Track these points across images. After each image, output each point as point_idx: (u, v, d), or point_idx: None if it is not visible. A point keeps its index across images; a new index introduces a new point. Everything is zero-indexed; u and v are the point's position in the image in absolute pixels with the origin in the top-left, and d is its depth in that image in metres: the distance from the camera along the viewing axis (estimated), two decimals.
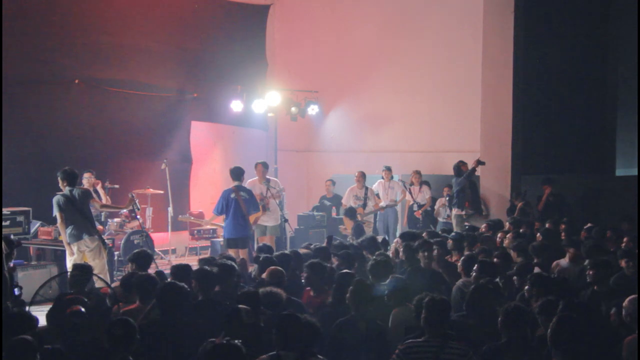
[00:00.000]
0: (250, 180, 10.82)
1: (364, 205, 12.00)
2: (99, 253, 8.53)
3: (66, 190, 8.46)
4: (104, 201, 10.66)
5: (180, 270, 6.44)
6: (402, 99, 13.62)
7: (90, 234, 8.49)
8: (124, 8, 12.72)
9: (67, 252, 8.54)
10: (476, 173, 11.60)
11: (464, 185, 11.35)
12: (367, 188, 12.17)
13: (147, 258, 7.03)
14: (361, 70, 14.08)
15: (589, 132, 13.48)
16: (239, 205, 9.89)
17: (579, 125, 13.24)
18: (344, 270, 6.37)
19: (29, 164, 11.24)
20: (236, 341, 4.02)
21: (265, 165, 11.05)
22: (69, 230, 8.43)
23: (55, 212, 8.45)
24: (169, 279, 6.35)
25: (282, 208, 11.61)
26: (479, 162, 11.22)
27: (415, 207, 12.47)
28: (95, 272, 8.27)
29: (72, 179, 8.53)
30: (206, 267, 6.27)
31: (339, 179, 13.57)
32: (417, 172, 12.60)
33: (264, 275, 6.35)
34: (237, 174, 10.09)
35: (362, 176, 12.20)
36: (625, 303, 4.96)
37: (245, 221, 10.00)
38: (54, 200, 8.47)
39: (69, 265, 8.37)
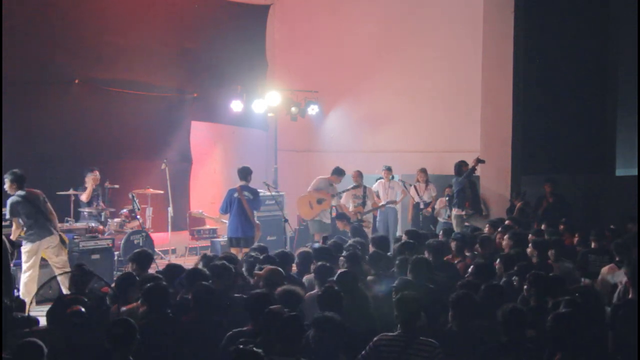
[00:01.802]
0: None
1: (363, 204, 12.00)
2: (60, 249, 8.53)
3: (19, 192, 8.34)
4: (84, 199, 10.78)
5: (171, 270, 6.47)
6: (402, 99, 13.61)
7: (51, 232, 8.47)
8: (124, 8, 12.72)
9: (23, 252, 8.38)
10: (476, 173, 11.59)
11: (464, 185, 11.33)
12: (365, 187, 12.17)
13: (147, 258, 7.04)
14: (361, 70, 14.07)
15: (589, 132, 13.47)
16: (241, 204, 9.97)
17: (579, 125, 13.22)
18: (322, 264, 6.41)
19: (29, 164, 11.21)
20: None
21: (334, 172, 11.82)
22: (31, 230, 8.35)
23: (10, 216, 8.28)
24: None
25: (282, 208, 11.66)
26: (479, 161, 11.20)
27: (422, 205, 12.45)
28: (58, 265, 8.38)
29: (22, 181, 8.44)
30: (226, 263, 6.37)
31: None
32: (423, 170, 12.57)
33: (261, 274, 6.37)
34: (243, 173, 10.19)
35: (359, 175, 12.19)
36: None
37: (248, 221, 10.08)
38: (11, 202, 8.29)
39: (27, 263, 8.33)
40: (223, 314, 5.51)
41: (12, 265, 8.19)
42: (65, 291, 7.34)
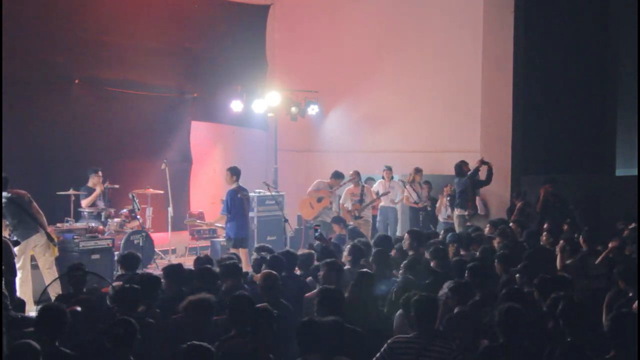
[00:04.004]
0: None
1: (361, 202, 12.00)
2: (47, 248, 8.56)
3: (3, 194, 8.34)
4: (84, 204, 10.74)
5: (173, 270, 6.46)
6: (402, 99, 13.60)
7: (37, 231, 8.49)
8: (123, 8, 12.72)
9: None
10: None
11: (467, 185, 11.28)
12: (363, 186, 12.18)
13: (134, 259, 7.04)
14: (361, 70, 14.07)
15: (589, 132, 13.48)
16: (243, 204, 9.99)
17: (579, 125, 13.23)
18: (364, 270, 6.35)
19: (29, 164, 11.22)
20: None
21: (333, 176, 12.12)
22: (16, 230, 8.38)
23: None
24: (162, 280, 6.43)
25: (282, 208, 11.67)
26: (484, 162, 11.16)
27: (420, 205, 12.38)
28: (45, 267, 8.41)
29: (5, 184, 8.43)
30: (237, 262, 6.38)
31: None
32: (420, 171, 12.53)
33: (257, 279, 6.36)
34: (238, 174, 10.18)
35: (357, 175, 12.21)
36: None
37: (248, 220, 10.21)
38: None
39: (17, 264, 8.28)
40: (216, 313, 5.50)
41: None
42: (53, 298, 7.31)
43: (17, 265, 8.31)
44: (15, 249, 8.24)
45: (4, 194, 8.38)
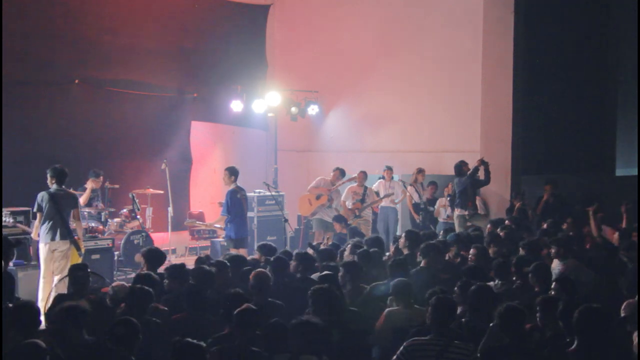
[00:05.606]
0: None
1: (362, 202, 12.00)
2: (66, 256, 8.37)
3: (53, 188, 8.36)
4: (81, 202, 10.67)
5: (176, 270, 6.46)
6: (402, 99, 13.60)
7: (64, 237, 8.33)
8: (124, 8, 12.73)
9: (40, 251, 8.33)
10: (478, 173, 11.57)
11: (467, 185, 11.28)
12: (366, 187, 12.18)
13: (158, 257, 6.99)
14: (361, 70, 14.07)
15: (589, 132, 13.49)
16: (242, 204, 10.00)
17: (579, 125, 13.25)
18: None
19: (29, 164, 11.21)
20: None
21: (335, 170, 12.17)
22: (44, 228, 8.27)
23: (35, 210, 8.33)
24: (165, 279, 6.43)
25: (282, 208, 11.68)
26: (483, 162, 11.16)
27: (422, 205, 12.38)
28: (55, 273, 8.31)
29: (62, 178, 8.41)
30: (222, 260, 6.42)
31: None
32: (423, 171, 12.54)
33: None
34: (238, 173, 10.17)
35: (364, 176, 12.19)
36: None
37: (247, 220, 10.30)
38: (38, 196, 8.31)
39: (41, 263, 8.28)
40: (214, 312, 5.50)
41: (10, 265, 8.16)
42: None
43: (41, 268, 8.27)
44: (40, 249, 8.24)
45: (53, 188, 8.32)
